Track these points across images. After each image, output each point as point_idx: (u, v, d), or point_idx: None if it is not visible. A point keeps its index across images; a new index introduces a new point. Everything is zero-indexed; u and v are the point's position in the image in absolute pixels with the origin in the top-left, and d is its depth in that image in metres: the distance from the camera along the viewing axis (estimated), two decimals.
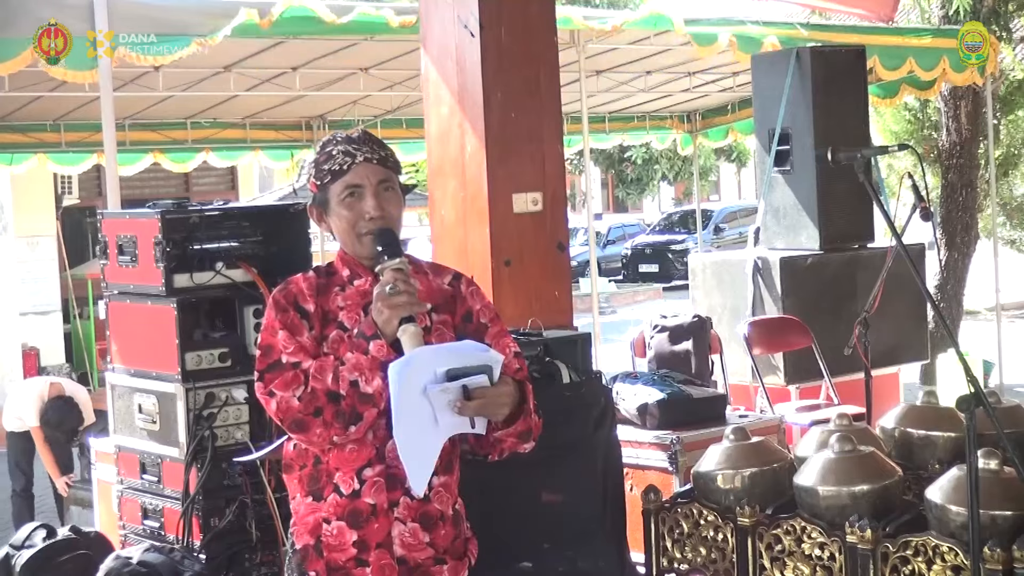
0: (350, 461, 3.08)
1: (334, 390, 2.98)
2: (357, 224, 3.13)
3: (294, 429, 3.03)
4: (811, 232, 8.59)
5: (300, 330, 3.10)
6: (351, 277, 3.18)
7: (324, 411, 2.98)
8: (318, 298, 3.14)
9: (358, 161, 3.13)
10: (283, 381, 3.02)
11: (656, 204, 39.43)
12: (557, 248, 6.24)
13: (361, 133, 3.22)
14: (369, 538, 3.09)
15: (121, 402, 5.34)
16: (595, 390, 5.73)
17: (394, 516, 3.10)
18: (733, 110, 13.33)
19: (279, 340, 3.08)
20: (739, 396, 7.94)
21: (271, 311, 3.13)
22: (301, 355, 3.05)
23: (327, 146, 3.19)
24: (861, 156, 4.37)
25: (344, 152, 3.14)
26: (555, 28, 6.33)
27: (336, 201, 3.15)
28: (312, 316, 3.12)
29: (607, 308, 20.85)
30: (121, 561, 4.92)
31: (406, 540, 3.10)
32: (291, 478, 3.19)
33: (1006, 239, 15.86)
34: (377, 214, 3.12)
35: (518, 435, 3.13)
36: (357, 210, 3.13)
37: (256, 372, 3.10)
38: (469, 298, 3.24)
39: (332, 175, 3.15)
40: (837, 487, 4.47)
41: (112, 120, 7.04)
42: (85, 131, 10.96)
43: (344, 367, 2.99)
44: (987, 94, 11.44)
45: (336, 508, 3.09)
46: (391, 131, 12.34)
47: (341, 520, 3.09)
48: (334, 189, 3.15)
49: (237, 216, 5.36)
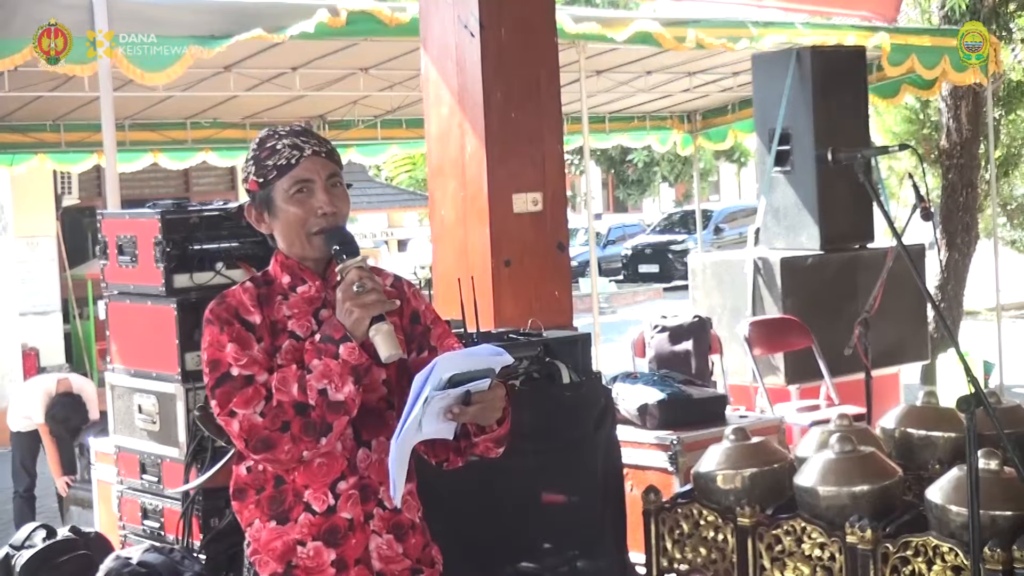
0: (320, 476, 2.87)
1: (301, 401, 2.77)
2: (308, 222, 2.89)
3: (260, 448, 2.79)
4: (811, 232, 8.59)
5: (249, 343, 2.84)
6: (292, 284, 2.95)
7: (292, 424, 2.76)
8: (263, 309, 2.90)
9: (306, 154, 2.89)
10: (243, 398, 2.79)
11: (656, 204, 39.44)
12: (557, 248, 6.24)
13: (303, 126, 2.99)
14: (348, 555, 2.89)
15: (121, 402, 5.34)
16: (595, 390, 5.73)
17: (370, 529, 2.91)
18: (733, 110, 13.32)
19: (227, 353, 2.82)
20: (739, 396, 7.94)
21: (212, 327, 2.86)
22: (255, 368, 2.81)
23: (268, 140, 2.93)
24: (861, 156, 4.39)
25: (291, 145, 2.90)
26: (555, 28, 6.33)
27: (283, 198, 2.90)
28: (259, 327, 2.87)
29: (607, 308, 20.85)
30: (121, 561, 4.92)
31: (383, 553, 2.93)
32: (245, 504, 2.94)
33: (1006, 239, 15.86)
34: (330, 210, 2.88)
35: (496, 441, 2.95)
36: (307, 206, 2.89)
37: (208, 392, 2.85)
38: (413, 299, 3.04)
39: (278, 170, 2.90)
40: (837, 487, 4.47)
41: (112, 120, 7.04)
42: (85, 131, 10.96)
43: (311, 375, 2.77)
44: (987, 94, 11.44)
45: (310, 528, 2.87)
46: (391, 131, 12.36)
47: (317, 540, 2.87)
48: (280, 185, 2.90)
49: (237, 216, 5.35)
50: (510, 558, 5.08)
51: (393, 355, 2.77)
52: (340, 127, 12.41)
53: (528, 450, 5.32)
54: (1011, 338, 12.38)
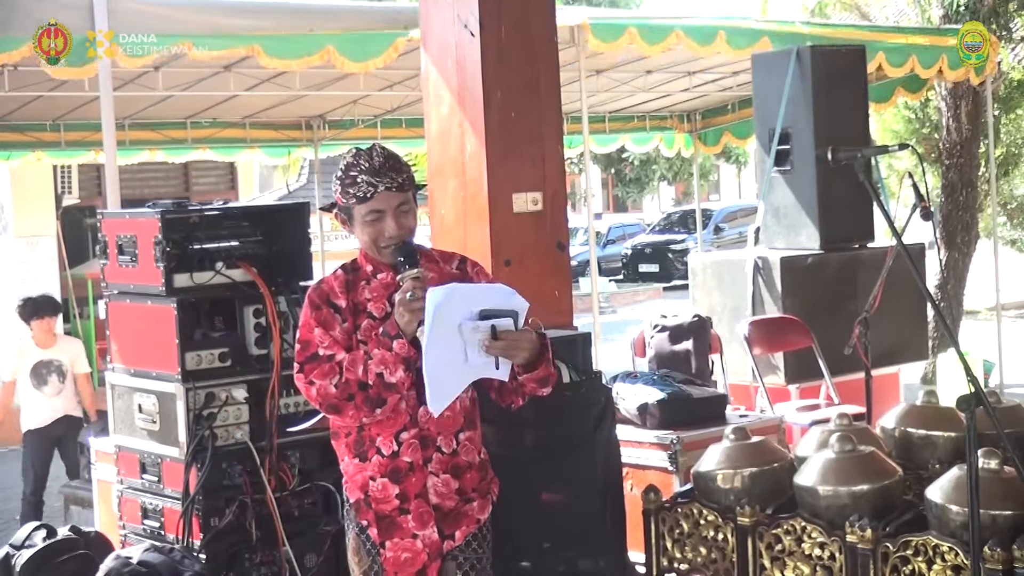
0: (388, 427, 3.66)
1: (363, 380, 3.53)
2: (378, 239, 3.67)
3: (330, 411, 3.61)
4: (811, 232, 8.59)
5: (333, 324, 3.64)
6: (374, 271, 3.71)
7: (356, 397, 3.54)
8: (348, 293, 3.68)
9: (379, 191, 3.63)
10: (321, 372, 3.57)
11: (656, 204, 39.43)
12: (557, 248, 6.23)
13: (382, 161, 3.67)
14: (408, 490, 3.68)
15: (121, 402, 5.33)
16: (595, 390, 5.73)
17: (428, 470, 3.68)
18: (733, 110, 13.31)
19: (315, 336, 3.62)
20: (739, 396, 7.94)
21: (307, 308, 3.67)
22: (335, 348, 3.60)
23: (351, 170, 3.66)
24: (861, 156, 4.38)
25: (367, 183, 3.63)
26: (555, 28, 6.32)
27: (360, 220, 3.67)
28: (344, 310, 3.66)
29: (607, 308, 20.84)
30: (121, 561, 4.92)
31: (439, 490, 3.70)
32: (339, 443, 3.77)
33: (1006, 239, 15.86)
34: (396, 234, 3.64)
35: (538, 380, 3.63)
36: (378, 228, 3.65)
37: (296, 364, 3.63)
38: (475, 278, 3.78)
39: (356, 199, 3.65)
40: (837, 487, 4.48)
41: (112, 120, 7.03)
42: (85, 131, 10.96)
43: (372, 361, 3.53)
44: (987, 94, 11.44)
45: (380, 467, 3.68)
46: (391, 131, 12.34)
47: (384, 477, 3.68)
48: (358, 210, 3.67)
49: (237, 216, 5.36)
50: (510, 558, 5.08)
51: None
52: (340, 127, 12.41)
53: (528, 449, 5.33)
54: (1011, 338, 12.37)
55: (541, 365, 3.61)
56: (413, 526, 3.70)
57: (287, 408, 5.12)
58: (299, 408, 5.15)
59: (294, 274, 5.20)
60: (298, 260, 5.29)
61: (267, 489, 4.96)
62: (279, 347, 5.04)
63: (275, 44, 7.69)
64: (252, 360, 5.09)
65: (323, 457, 5.24)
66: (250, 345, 5.10)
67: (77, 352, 8.61)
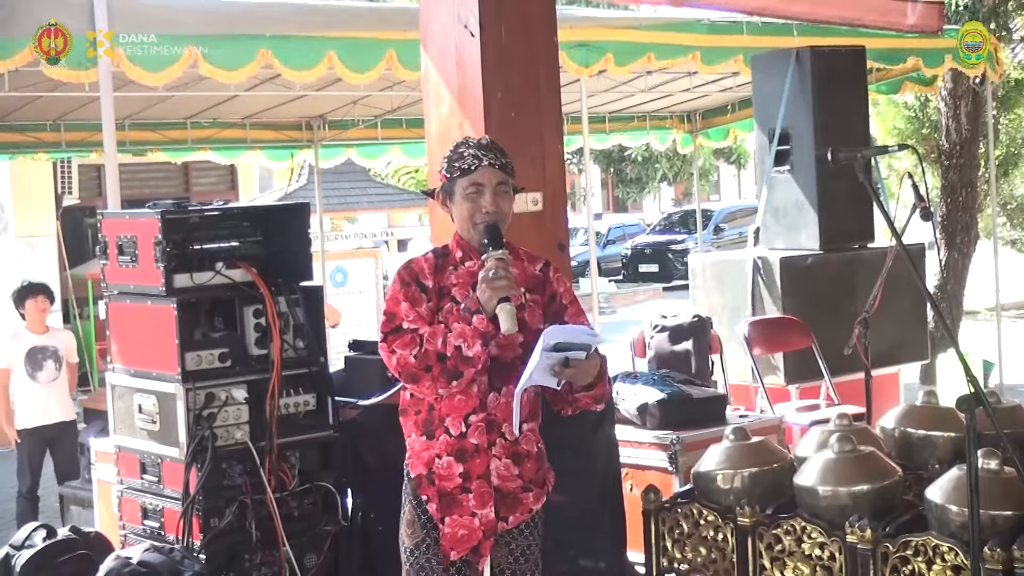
0: (459, 409, 3.86)
1: (442, 352, 3.71)
2: (475, 215, 3.87)
3: (408, 380, 3.80)
4: (811, 232, 8.59)
5: (419, 302, 3.84)
6: (463, 259, 3.92)
7: (433, 368, 3.72)
8: (435, 276, 3.89)
9: (483, 164, 3.86)
10: (402, 342, 3.76)
11: (656, 204, 39.43)
12: (557, 248, 6.23)
13: (488, 141, 3.97)
14: (472, 471, 3.87)
15: (121, 402, 5.33)
16: None
17: (492, 454, 3.88)
18: (733, 110, 13.30)
19: (402, 309, 3.82)
20: (739, 396, 7.94)
21: (396, 284, 3.88)
22: (419, 322, 3.79)
23: (460, 147, 3.92)
24: (861, 156, 4.38)
25: (473, 156, 3.87)
26: (555, 28, 6.32)
27: (461, 194, 3.88)
28: (430, 291, 3.86)
29: (607, 308, 20.84)
30: (121, 561, 4.91)
31: (501, 473, 3.89)
32: (407, 420, 3.96)
33: (1006, 239, 15.86)
34: (492, 209, 3.86)
35: (593, 398, 3.90)
36: (476, 203, 3.87)
37: (380, 333, 3.83)
38: (555, 283, 4.02)
39: (461, 172, 3.88)
40: (837, 487, 4.48)
41: (112, 120, 7.02)
42: (85, 131, 10.95)
43: (451, 334, 3.72)
44: (987, 94, 11.44)
45: (447, 446, 3.87)
46: (391, 131, 12.33)
47: (450, 456, 3.87)
48: (460, 183, 3.88)
49: (237, 216, 5.36)
50: None
51: (510, 329, 3.70)
52: (340, 127, 12.40)
53: None
54: (1011, 338, 12.37)
55: (598, 385, 3.87)
56: (473, 504, 3.88)
57: (287, 408, 5.12)
58: (299, 408, 5.16)
59: (294, 274, 5.21)
60: (298, 260, 5.29)
61: (267, 489, 4.96)
62: (279, 347, 5.04)
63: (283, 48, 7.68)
64: (252, 360, 5.09)
65: (323, 457, 5.25)
66: (250, 345, 5.11)
67: (70, 341, 8.67)
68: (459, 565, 3.92)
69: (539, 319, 3.91)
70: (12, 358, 8.39)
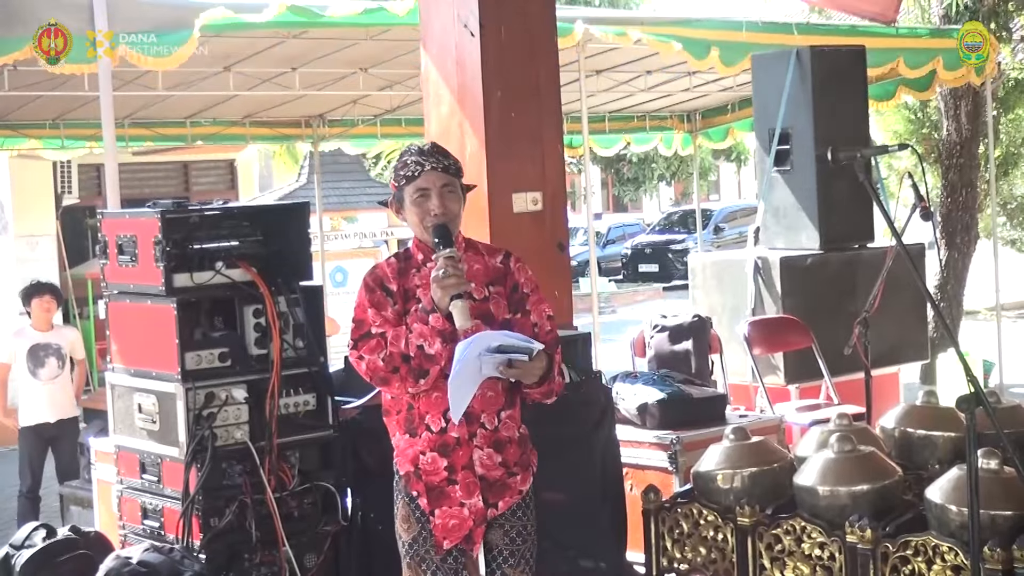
0: (436, 405, 3.97)
1: (406, 353, 3.87)
2: (424, 219, 3.99)
3: (380, 383, 3.96)
4: (811, 232, 8.59)
5: (385, 306, 3.97)
6: (424, 260, 4.03)
7: (400, 369, 3.87)
8: (399, 279, 4.02)
9: (426, 169, 3.99)
10: (369, 347, 3.91)
11: (656, 204, 39.42)
12: (557, 248, 6.23)
13: (431, 145, 4.10)
14: (456, 463, 4.00)
15: (121, 402, 5.33)
16: (595, 390, 5.74)
17: (474, 445, 4.00)
18: (733, 110, 13.31)
19: (369, 316, 3.96)
20: (739, 396, 7.94)
21: (362, 291, 4.01)
22: (386, 326, 3.93)
23: (404, 155, 4.05)
24: (861, 156, 4.39)
25: (416, 162, 4.00)
26: (555, 28, 6.32)
27: (409, 200, 4.02)
28: (395, 294, 3.99)
29: (607, 308, 20.82)
30: (121, 561, 4.91)
31: (484, 462, 4.01)
32: (390, 420, 4.10)
33: (1006, 239, 15.86)
34: (440, 211, 3.98)
35: (542, 394, 4.02)
36: (424, 207, 3.99)
37: (350, 341, 3.96)
38: (516, 272, 4.11)
39: (406, 179, 4.01)
40: (837, 487, 4.48)
41: (112, 120, 7.03)
42: (85, 129, 10.95)
43: (412, 335, 3.87)
44: (987, 94, 11.43)
45: (429, 442, 4.00)
46: (391, 130, 12.34)
47: (434, 451, 4.00)
48: (408, 190, 4.01)
49: (237, 215, 5.35)
50: None
51: (463, 325, 3.81)
52: (340, 126, 12.40)
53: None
54: (1011, 338, 12.37)
55: (545, 383, 3.98)
56: (460, 495, 4.01)
57: (287, 408, 5.12)
58: (299, 408, 5.16)
59: (294, 274, 5.20)
60: (298, 260, 5.28)
61: (267, 489, 4.96)
62: (279, 347, 5.04)
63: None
64: (252, 360, 5.09)
65: (323, 457, 5.25)
66: (250, 345, 5.10)
67: (75, 338, 8.67)
68: (455, 553, 4.04)
69: (504, 310, 4.03)
70: (14, 353, 8.39)
